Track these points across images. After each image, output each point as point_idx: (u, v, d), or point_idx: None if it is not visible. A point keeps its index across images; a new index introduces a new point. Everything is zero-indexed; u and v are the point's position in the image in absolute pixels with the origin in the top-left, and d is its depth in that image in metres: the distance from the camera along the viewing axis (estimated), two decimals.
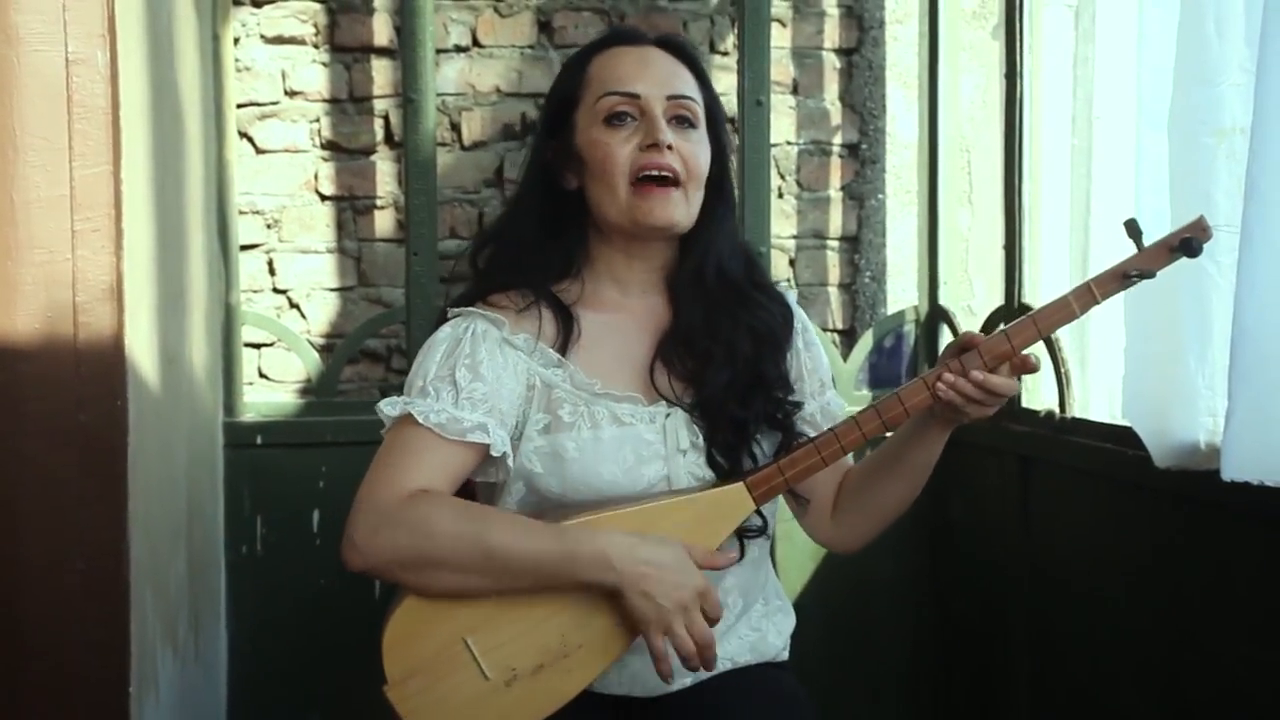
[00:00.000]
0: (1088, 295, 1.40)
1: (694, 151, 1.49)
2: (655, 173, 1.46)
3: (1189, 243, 1.37)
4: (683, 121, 1.50)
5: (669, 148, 1.46)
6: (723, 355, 1.50)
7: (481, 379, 1.45)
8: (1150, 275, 1.39)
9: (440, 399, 1.43)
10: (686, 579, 1.37)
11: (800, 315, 1.64)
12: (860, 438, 1.44)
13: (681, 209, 1.48)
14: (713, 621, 1.39)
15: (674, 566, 1.37)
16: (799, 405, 1.56)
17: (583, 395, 1.47)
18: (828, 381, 1.64)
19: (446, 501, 1.40)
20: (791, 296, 1.64)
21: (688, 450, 1.48)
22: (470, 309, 1.51)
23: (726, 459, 1.47)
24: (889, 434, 1.51)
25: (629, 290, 1.55)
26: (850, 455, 1.57)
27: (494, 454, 1.44)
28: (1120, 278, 1.40)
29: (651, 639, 1.38)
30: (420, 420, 1.41)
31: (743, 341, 1.52)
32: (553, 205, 1.53)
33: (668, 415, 1.49)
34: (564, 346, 1.49)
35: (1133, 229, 1.40)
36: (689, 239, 1.54)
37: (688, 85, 1.52)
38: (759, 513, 1.51)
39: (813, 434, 1.54)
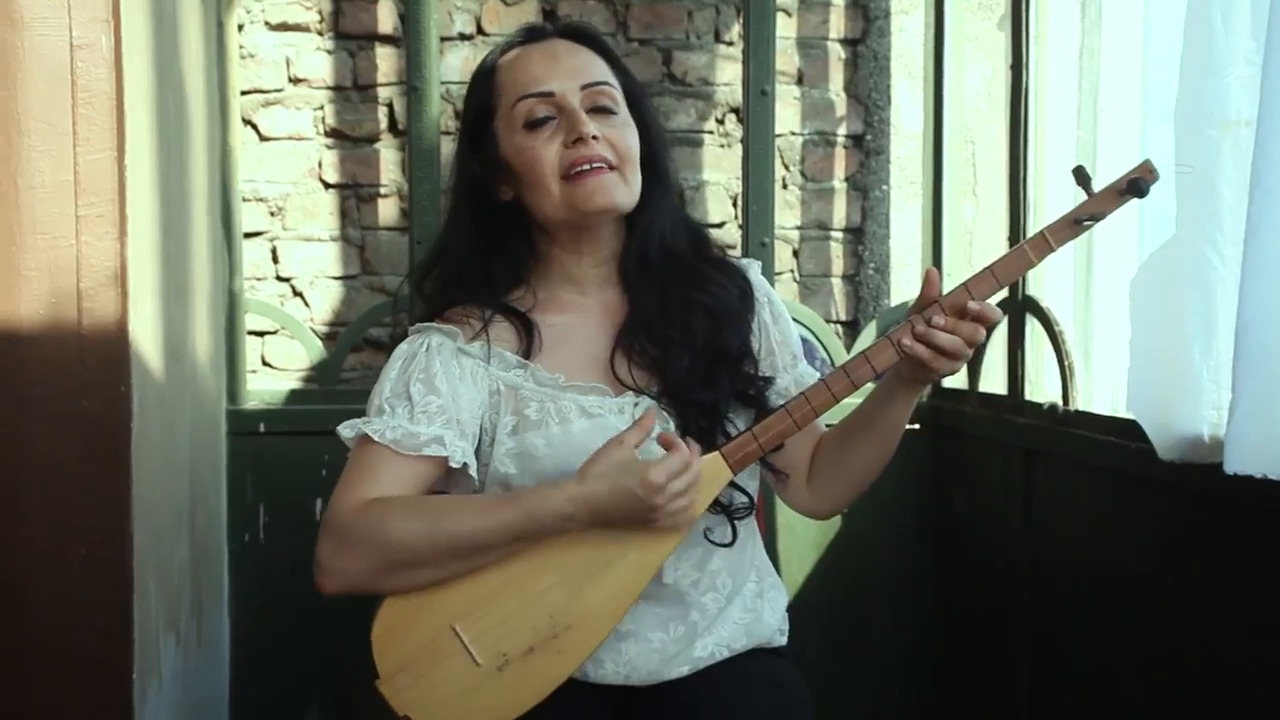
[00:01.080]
0: (1042, 243, 1.42)
1: (620, 135, 1.48)
2: (586, 166, 1.45)
3: (1136, 184, 1.39)
4: (603, 110, 1.48)
5: (594, 138, 1.45)
6: (680, 339, 1.49)
7: (436, 392, 1.45)
8: (1100, 218, 1.42)
9: (396, 415, 1.44)
10: (636, 486, 1.34)
11: (764, 287, 1.62)
12: (830, 399, 1.44)
13: (621, 190, 1.47)
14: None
15: (621, 486, 1.35)
16: (770, 380, 1.56)
17: (547, 391, 1.47)
18: (799, 354, 1.63)
19: (396, 503, 1.40)
20: (755, 268, 1.63)
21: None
22: (427, 324, 1.51)
23: (701, 442, 1.45)
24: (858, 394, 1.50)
25: (585, 288, 1.55)
26: (823, 423, 1.58)
27: (453, 465, 1.44)
28: (1072, 224, 1.42)
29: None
30: (376, 438, 1.42)
31: (699, 321, 1.51)
32: (490, 219, 1.53)
33: (636, 404, 1.49)
34: (527, 352, 1.49)
35: (1081, 175, 1.42)
36: (630, 224, 1.53)
37: (600, 71, 1.50)
38: (742, 489, 1.51)
39: None
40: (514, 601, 1.40)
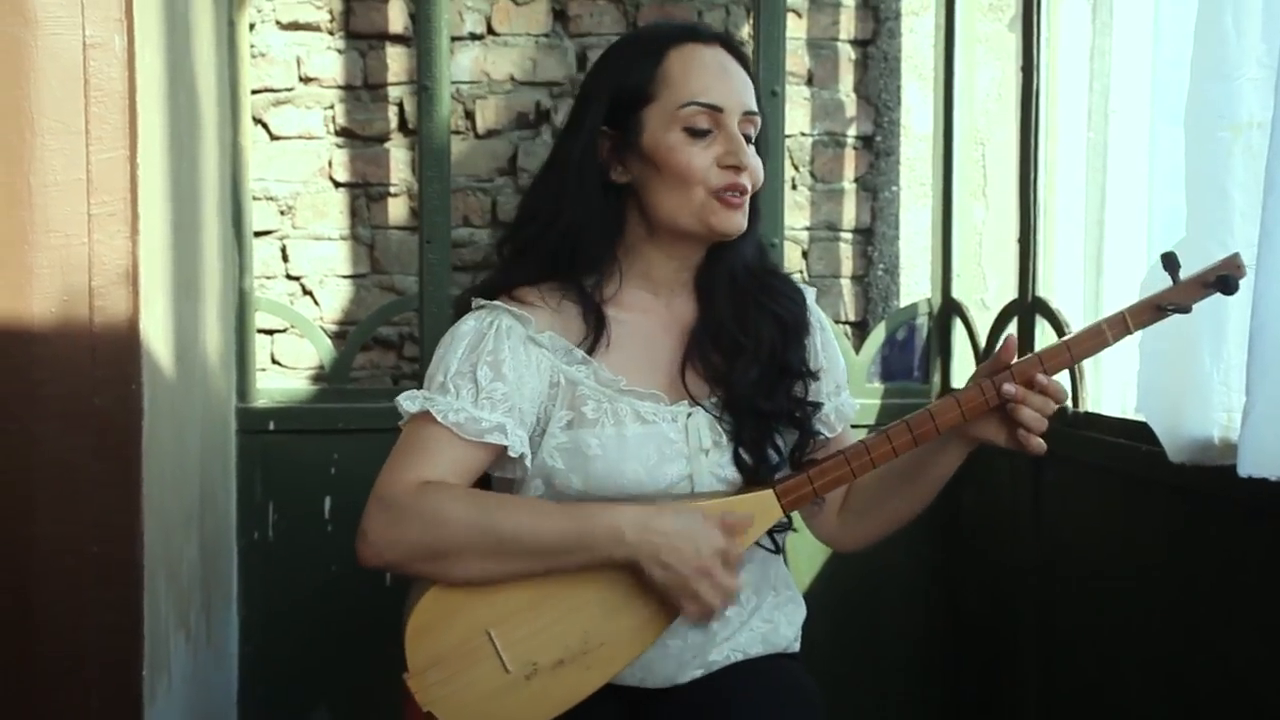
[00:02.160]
0: (1121, 325, 1.42)
1: (758, 167, 1.49)
2: (737, 193, 1.46)
3: (1225, 280, 1.39)
4: (749, 139, 1.49)
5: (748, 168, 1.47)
6: (752, 347, 1.50)
7: (503, 378, 1.43)
8: (1185, 310, 1.41)
9: (460, 397, 1.42)
10: (703, 542, 1.37)
11: (818, 313, 1.63)
12: (891, 452, 1.44)
13: (745, 217, 1.49)
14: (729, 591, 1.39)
15: (688, 533, 1.36)
16: (818, 405, 1.57)
17: (607, 392, 1.46)
18: (843, 383, 1.63)
19: (457, 490, 1.39)
20: (810, 294, 1.63)
21: (710, 449, 1.48)
22: (495, 303, 1.48)
23: (751, 455, 1.47)
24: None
25: (659, 290, 1.54)
26: None
27: (511, 455, 1.43)
28: (1154, 309, 1.42)
29: (684, 607, 1.38)
30: (439, 418, 1.40)
31: (769, 330, 1.52)
32: (595, 196, 1.49)
33: (689, 415, 1.49)
34: (592, 347, 1.48)
35: (1170, 262, 1.41)
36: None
37: (753, 98, 1.51)
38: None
39: (827, 434, 1.57)
40: (550, 614, 1.40)
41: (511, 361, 1.44)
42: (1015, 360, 1.44)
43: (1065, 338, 1.46)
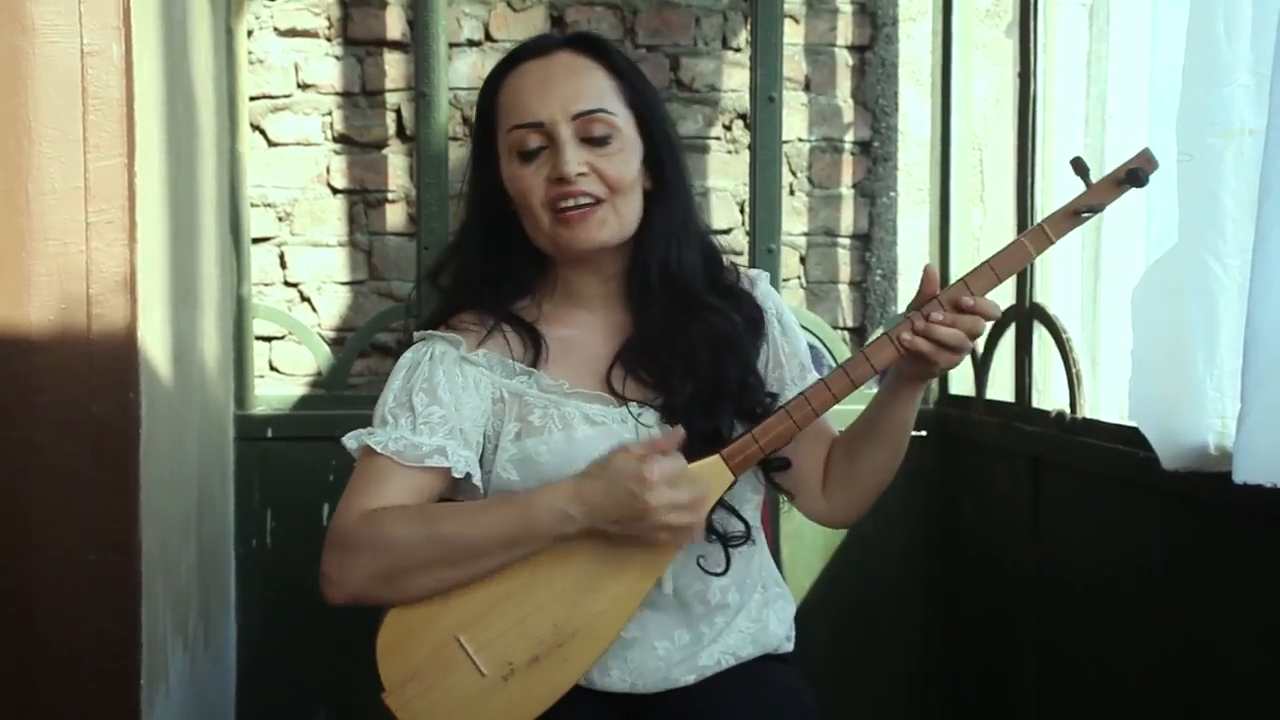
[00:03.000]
0: (1041, 236, 1.42)
1: (611, 165, 1.45)
2: (570, 203, 1.44)
3: (1135, 173, 1.39)
4: (595, 140, 1.45)
5: (580, 174, 1.43)
6: (681, 369, 1.48)
7: (439, 401, 1.45)
8: (1099, 209, 1.41)
9: (399, 426, 1.44)
10: (628, 479, 1.33)
11: (773, 298, 1.61)
12: (830, 398, 1.43)
13: (610, 226, 1.46)
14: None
15: (614, 481, 1.34)
16: (775, 396, 1.54)
17: (551, 398, 1.47)
18: (808, 365, 1.61)
19: (397, 511, 1.40)
20: (763, 279, 1.61)
21: None
22: (431, 332, 1.51)
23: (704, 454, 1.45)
24: (860, 392, 1.49)
25: (591, 305, 1.54)
26: (834, 428, 1.59)
27: (456, 475, 1.43)
28: (1071, 215, 1.42)
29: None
30: (379, 449, 1.42)
31: (701, 351, 1.49)
32: (499, 227, 1.51)
33: (639, 414, 1.48)
34: (534, 361, 1.49)
35: (1079, 166, 1.42)
36: (636, 241, 1.51)
37: (597, 94, 1.46)
38: (740, 517, 1.50)
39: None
40: (517, 611, 1.40)
41: (447, 384, 1.46)
42: (941, 289, 1.42)
43: (987, 258, 1.44)
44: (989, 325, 1.45)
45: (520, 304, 1.53)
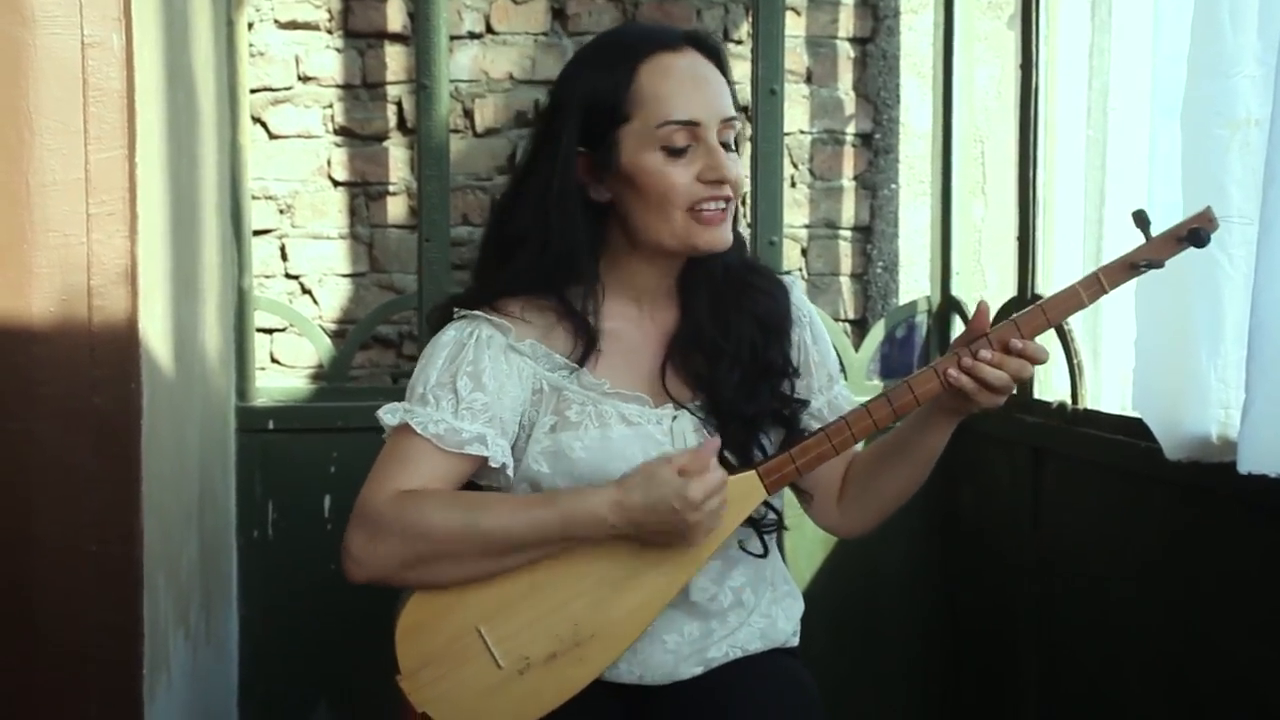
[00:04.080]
0: (1096, 285, 1.40)
1: (739, 172, 1.46)
2: (719, 206, 1.44)
3: (1196, 233, 1.37)
4: (727, 144, 1.45)
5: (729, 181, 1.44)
6: (732, 350, 1.49)
7: (483, 388, 1.43)
8: (1158, 265, 1.39)
9: (440, 408, 1.42)
10: (672, 500, 1.33)
11: (806, 305, 1.62)
12: (871, 425, 1.43)
13: (729, 229, 1.47)
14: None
15: (657, 496, 1.34)
16: (805, 403, 1.56)
17: (591, 395, 1.46)
18: (835, 375, 1.62)
19: (434, 496, 1.39)
20: (798, 286, 1.62)
21: None
22: (476, 313, 1.47)
23: (737, 456, 1.46)
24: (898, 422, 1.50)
25: (641, 300, 1.53)
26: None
27: (492, 465, 1.43)
28: (1128, 267, 1.40)
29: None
30: (418, 430, 1.40)
31: (749, 330, 1.50)
32: (577, 215, 1.46)
33: (674, 417, 1.48)
34: (581, 358, 1.47)
35: (1140, 219, 1.40)
36: None
37: (730, 101, 1.47)
38: (771, 506, 1.51)
39: (819, 428, 1.54)
40: (540, 607, 1.40)
41: (492, 371, 1.44)
42: (992, 328, 1.42)
43: (1040, 301, 1.44)
44: (1036, 370, 1.43)
45: (574, 295, 1.48)
